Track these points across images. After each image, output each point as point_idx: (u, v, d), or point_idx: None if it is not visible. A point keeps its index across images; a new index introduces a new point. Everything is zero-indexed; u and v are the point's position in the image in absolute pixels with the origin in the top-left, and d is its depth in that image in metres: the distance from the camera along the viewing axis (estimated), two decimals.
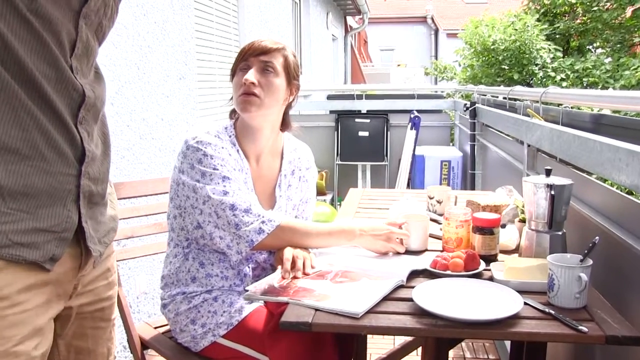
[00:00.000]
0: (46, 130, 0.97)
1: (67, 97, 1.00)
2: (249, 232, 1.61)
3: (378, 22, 23.45)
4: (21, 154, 0.94)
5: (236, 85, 1.72)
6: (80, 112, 1.03)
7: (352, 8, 12.15)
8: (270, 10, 5.96)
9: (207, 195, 1.61)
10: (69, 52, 1.01)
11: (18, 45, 0.91)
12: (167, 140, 3.27)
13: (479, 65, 10.12)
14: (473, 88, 5.10)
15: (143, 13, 3.01)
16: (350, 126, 5.64)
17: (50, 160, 0.98)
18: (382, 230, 1.75)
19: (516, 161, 2.94)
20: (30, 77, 0.94)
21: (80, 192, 1.05)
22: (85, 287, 1.15)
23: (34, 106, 0.95)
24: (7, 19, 0.90)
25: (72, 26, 1.01)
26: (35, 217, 0.97)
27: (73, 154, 1.02)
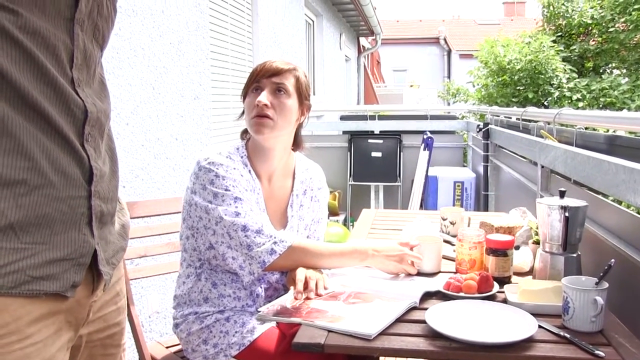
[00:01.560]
0: (53, 154, 0.93)
1: (70, 116, 0.96)
2: (261, 253, 1.61)
3: (391, 43, 23.63)
4: (30, 185, 0.90)
5: (249, 106, 1.72)
6: (85, 129, 0.99)
7: (365, 29, 12.24)
8: (284, 31, 6.02)
9: (220, 217, 1.61)
10: (67, 64, 0.96)
11: (12, 68, 0.87)
12: (181, 160, 3.30)
13: (494, 85, 10.12)
14: (486, 109, 5.10)
15: (159, 34, 3.05)
16: (363, 147, 5.64)
17: (59, 186, 0.94)
18: (394, 251, 1.74)
19: (530, 182, 2.92)
20: (30, 101, 0.89)
21: (93, 213, 1.01)
22: (95, 313, 1.10)
23: (38, 131, 0.90)
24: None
25: (67, 36, 0.96)
26: (51, 247, 0.93)
27: (81, 175, 0.98)
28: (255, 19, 5.05)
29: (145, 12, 2.90)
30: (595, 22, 10.35)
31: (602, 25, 10.35)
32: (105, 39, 1.08)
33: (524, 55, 9.68)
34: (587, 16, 10.34)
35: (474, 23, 27.98)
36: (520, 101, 9.62)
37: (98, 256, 1.03)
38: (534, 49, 9.67)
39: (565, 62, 9.99)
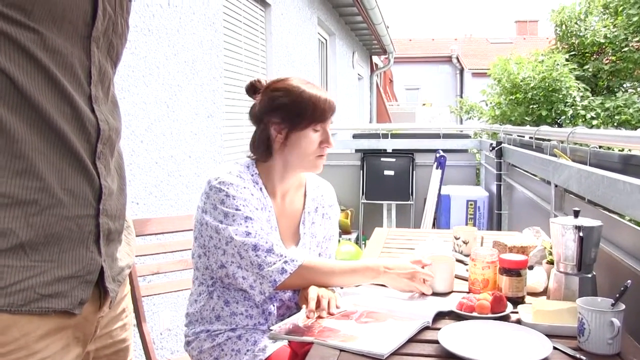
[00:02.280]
0: (64, 174, 0.94)
1: (84, 134, 0.97)
2: (272, 272, 1.61)
3: (404, 62, 23.72)
4: (40, 205, 0.91)
5: (310, 142, 1.74)
6: (97, 147, 1.00)
7: (378, 48, 12.31)
8: (297, 50, 6.07)
9: (230, 236, 1.62)
10: (85, 81, 0.98)
11: (31, 86, 0.88)
12: (194, 178, 3.32)
13: (507, 103, 10.11)
14: (499, 128, 5.09)
15: (174, 53, 3.09)
16: (375, 165, 5.65)
17: (68, 205, 0.95)
18: (406, 269, 1.74)
19: (543, 201, 2.91)
20: (47, 119, 0.90)
21: (100, 231, 1.02)
22: (102, 329, 1.11)
23: (51, 151, 0.92)
24: (15, 59, 0.87)
25: (84, 53, 0.98)
26: (59, 265, 0.94)
27: (91, 193, 0.99)
28: (269, 38, 5.10)
29: (160, 31, 2.94)
30: (609, 41, 10.33)
31: (615, 45, 10.33)
32: (119, 56, 1.10)
33: (537, 73, 9.67)
34: (601, 35, 10.33)
35: (486, 42, 28.04)
36: (533, 119, 9.59)
37: (105, 273, 1.04)
38: (548, 67, 9.66)
39: (578, 81, 9.97)
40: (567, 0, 11.05)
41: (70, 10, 0.93)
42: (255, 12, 4.79)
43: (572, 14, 10.81)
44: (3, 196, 0.87)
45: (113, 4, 1.02)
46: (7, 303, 0.88)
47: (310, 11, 6.75)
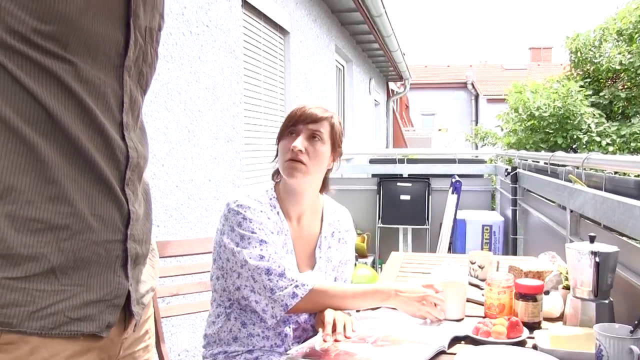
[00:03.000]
0: (94, 200, 0.96)
1: (114, 161, 1.00)
2: (284, 296, 1.62)
3: (419, 88, 23.84)
4: (71, 230, 0.93)
5: (283, 149, 1.75)
6: (126, 174, 1.02)
7: (394, 74, 12.40)
8: (315, 76, 6.16)
9: (245, 260, 1.64)
10: (117, 109, 1.00)
11: (66, 116, 0.91)
12: (214, 201, 3.37)
13: (522, 130, 10.11)
14: (514, 153, 5.11)
15: (195, 79, 3.16)
16: (392, 190, 5.67)
17: (98, 231, 0.97)
18: (417, 293, 1.73)
19: (559, 227, 2.91)
20: (79, 148, 0.93)
21: (128, 255, 1.04)
22: (125, 350, 1.12)
23: (83, 178, 0.94)
24: (50, 89, 0.90)
25: (117, 82, 1.00)
26: (88, 289, 0.96)
27: (119, 219, 1.01)
28: (288, 65, 5.18)
29: (182, 58, 3.02)
30: (624, 67, 10.32)
31: (630, 71, 10.31)
32: (148, 84, 1.12)
33: (552, 100, 9.68)
34: (616, 62, 10.32)
35: (501, 68, 28.10)
36: (549, 146, 9.57)
37: (131, 297, 1.06)
38: (562, 94, 9.67)
39: (594, 107, 9.95)
40: (581, 27, 11.10)
41: (104, 42, 0.96)
42: (274, 39, 4.88)
43: (587, 41, 10.81)
44: (37, 221, 0.90)
45: (143, 34, 1.05)
46: (39, 326, 0.90)
47: (328, 39, 6.86)
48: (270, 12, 4.56)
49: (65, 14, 0.88)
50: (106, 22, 0.96)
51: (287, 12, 5.03)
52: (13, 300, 0.88)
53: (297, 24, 5.40)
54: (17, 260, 0.89)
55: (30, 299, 0.89)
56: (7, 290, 0.88)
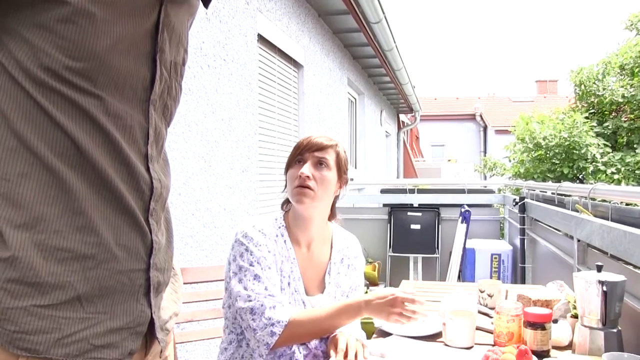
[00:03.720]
0: (119, 230, 0.98)
1: (138, 192, 1.02)
2: (264, 336, 1.66)
3: (429, 119, 23.99)
4: (97, 259, 0.95)
5: (291, 177, 1.82)
6: (150, 204, 1.04)
7: (404, 106, 12.51)
8: (327, 108, 6.26)
9: (235, 298, 1.70)
10: (142, 141, 1.02)
11: (92, 148, 0.93)
12: (228, 229, 3.43)
13: (530, 160, 10.17)
14: (522, 183, 5.16)
15: (212, 111, 3.26)
16: (402, 219, 5.73)
17: (122, 260, 0.98)
18: (385, 297, 1.70)
19: (566, 256, 2.93)
20: (106, 180, 0.96)
21: (151, 284, 1.05)
22: None
23: (108, 209, 0.96)
24: (79, 122, 0.93)
25: (143, 116, 1.03)
26: (111, 317, 0.98)
27: (143, 248, 1.03)
28: (301, 97, 5.28)
29: (200, 90, 3.12)
30: (627, 100, 10.48)
31: (633, 103, 10.47)
32: (172, 117, 1.15)
33: (558, 131, 9.78)
34: (618, 95, 10.49)
35: (508, 100, 28.21)
36: (556, 176, 9.63)
37: (154, 324, 1.07)
38: (568, 125, 9.78)
39: (598, 138, 10.06)
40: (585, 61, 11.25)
41: (131, 77, 1.00)
42: (288, 72, 4.99)
43: (590, 75, 10.98)
44: (64, 250, 0.92)
45: (169, 69, 1.09)
46: (64, 353, 0.91)
47: (340, 72, 6.98)
48: (284, 47, 4.68)
49: (95, 52, 0.93)
50: (133, 59, 1.00)
51: (301, 46, 5.16)
52: (40, 327, 0.90)
53: (311, 57, 5.53)
54: (45, 288, 0.91)
55: (57, 326, 0.91)
56: (35, 318, 0.90)
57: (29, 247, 0.91)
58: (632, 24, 11.18)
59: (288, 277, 1.77)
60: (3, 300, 0.89)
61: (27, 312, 0.90)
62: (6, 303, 0.89)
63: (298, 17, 5.04)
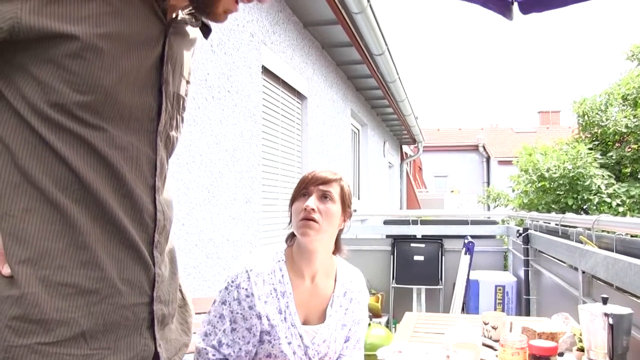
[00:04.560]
0: (123, 265, 0.98)
1: (142, 225, 1.03)
2: None
3: (432, 150, 24.11)
4: (101, 294, 0.95)
5: (296, 210, 1.84)
6: (155, 237, 1.05)
7: (407, 137, 12.58)
8: (331, 139, 6.30)
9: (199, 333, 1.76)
10: (149, 173, 1.04)
11: (95, 181, 0.94)
12: (231, 260, 3.43)
13: (533, 192, 10.18)
14: (525, 214, 5.15)
15: (216, 142, 3.29)
16: (405, 250, 5.72)
17: (125, 295, 0.99)
18: None
19: (571, 287, 2.92)
20: (109, 214, 0.96)
21: (155, 317, 1.05)
22: None
23: (112, 243, 0.97)
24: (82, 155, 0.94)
25: (150, 147, 1.04)
26: (115, 352, 0.98)
27: (146, 282, 1.03)
28: (305, 128, 5.33)
29: (204, 122, 3.15)
30: (630, 130, 10.54)
31: (637, 134, 10.52)
32: (174, 148, 1.17)
33: (561, 162, 9.81)
34: (622, 125, 10.54)
35: (511, 131, 28.38)
36: (560, 207, 9.62)
37: (160, 356, 1.07)
38: (572, 156, 9.81)
39: (603, 168, 10.07)
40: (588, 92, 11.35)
41: (137, 109, 1.02)
42: (292, 104, 5.04)
43: (593, 105, 11.06)
44: (69, 286, 0.93)
45: (172, 100, 1.11)
46: None
47: (344, 104, 7.05)
48: (288, 78, 4.74)
49: (102, 85, 0.95)
50: (139, 90, 1.02)
51: (305, 77, 5.22)
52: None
53: (314, 89, 5.59)
54: (50, 325, 0.91)
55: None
56: (40, 356, 0.91)
57: (33, 282, 0.91)
58: (634, 54, 11.30)
59: (284, 312, 1.78)
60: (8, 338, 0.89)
61: (32, 350, 0.90)
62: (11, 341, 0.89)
63: (302, 50, 5.11)
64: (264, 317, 1.74)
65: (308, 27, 5.20)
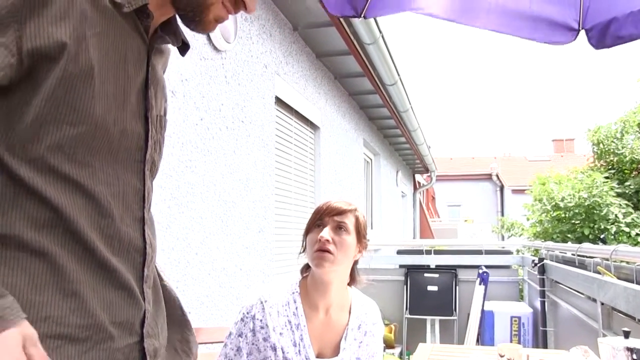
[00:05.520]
0: (114, 308, 0.94)
1: (131, 261, 0.98)
2: None
3: (445, 179, 24.07)
4: (93, 340, 0.91)
5: (311, 241, 1.83)
6: (144, 271, 1.01)
7: (420, 166, 12.58)
8: (344, 169, 6.32)
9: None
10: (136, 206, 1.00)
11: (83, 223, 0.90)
12: (244, 290, 3.42)
13: (548, 221, 10.08)
14: (541, 244, 5.12)
15: (230, 172, 3.31)
16: (419, 280, 5.67)
17: (117, 338, 0.95)
18: None
19: (590, 319, 2.88)
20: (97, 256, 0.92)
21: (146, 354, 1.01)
22: None
23: (102, 286, 0.93)
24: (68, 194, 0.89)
25: (137, 179, 1.00)
26: None
27: (137, 321, 1.00)
28: (318, 158, 5.35)
29: (218, 152, 3.18)
30: None
31: None
32: (157, 171, 1.12)
33: (577, 191, 9.72)
34: (639, 153, 10.44)
35: (525, 160, 28.30)
36: (577, 237, 9.51)
37: None
38: (587, 185, 9.72)
39: (620, 197, 9.96)
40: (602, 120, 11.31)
41: (126, 138, 0.97)
42: (305, 134, 5.08)
43: (608, 133, 11.00)
44: (58, 338, 0.87)
45: (155, 124, 1.06)
46: None
47: (356, 133, 7.08)
48: (301, 108, 4.78)
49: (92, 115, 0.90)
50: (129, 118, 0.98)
51: (318, 107, 5.26)
52: None
53: (327, 119, 5.63)
54: None
55: None
56: None
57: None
58: None
59: (298, 344, 1.77)
60: None
61: None
62: None
63: (315, 80, 5.17)
64: (278, 349, 1.73)
65: (321, 57, 5.26)
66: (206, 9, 1.03)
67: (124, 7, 0.95)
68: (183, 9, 1.04)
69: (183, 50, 1.14)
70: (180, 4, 1.03)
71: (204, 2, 1.02)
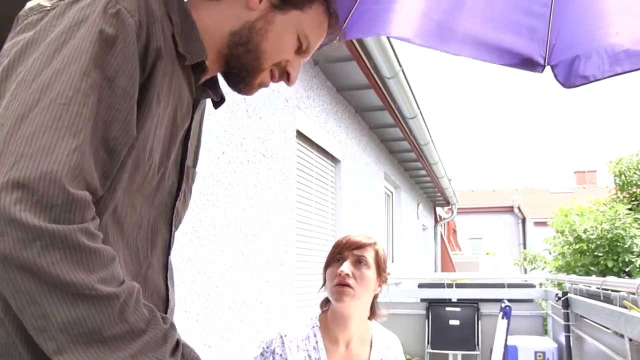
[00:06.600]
0: None
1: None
2: None
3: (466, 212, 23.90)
4: None
5: (331, 275, 1.84)
6: None
7: (441, 199, 12.55)
8: (365, 202, 6.34)
9: None
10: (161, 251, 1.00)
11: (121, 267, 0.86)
12: (264, 323, 3.42)
13: (571, 253, 9.93)
14: (564, 277, 5.04)
15: (251, 205, 3.34)
16: (441, 314, 5.61)
17: None
18: None
19: (618, 356, 2.81)
20: None
21: None
22: None
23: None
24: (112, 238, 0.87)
25: (166, 226, 1.00)
26: None
27: None
28: (338, 192, 5.38)
29: (240, 185, 3.21)
30: None
31: None
32: (181, 222, 1.11)
33: (599, 223, 9.58)
34: None
35: (547, 192, 28.05)
36: (600, 270, 9.34)
37: None
38: (610, 217, 9.58)
39: None
40: (624, 151, 11.20)
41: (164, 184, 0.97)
42: (326, 167, 5.12)
43: (630, 164, 10.89)
44: None
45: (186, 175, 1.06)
46: None
47: (377, 167, 7.11)
48: (322, 142, 4.83)
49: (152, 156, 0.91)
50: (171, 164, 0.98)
51: (338, 141, 5.31)
52: None
53: (348, 152, 5.67)
54: None
55: None
56: None
57: None
58: None
59: None
60: None
61: None
62: None
63: (335, 114, 5.22)
64: None
65: (341, 91, 5.32)
66: (257, 73, 1.05)
67: (186, 60, 0.97)
68: (237, 68, 1.05)
69: (217, 105, 1.17)
70: (236, 63, 1.04)
71: (259, 66, 1.04)
